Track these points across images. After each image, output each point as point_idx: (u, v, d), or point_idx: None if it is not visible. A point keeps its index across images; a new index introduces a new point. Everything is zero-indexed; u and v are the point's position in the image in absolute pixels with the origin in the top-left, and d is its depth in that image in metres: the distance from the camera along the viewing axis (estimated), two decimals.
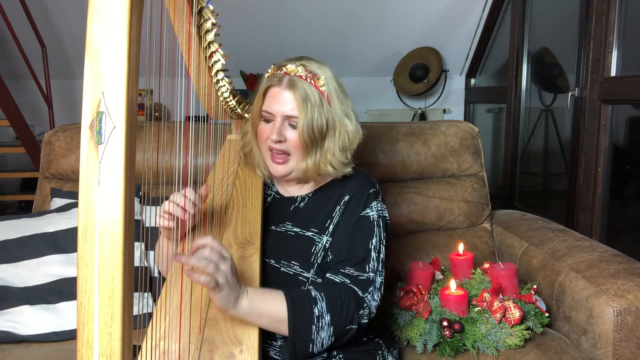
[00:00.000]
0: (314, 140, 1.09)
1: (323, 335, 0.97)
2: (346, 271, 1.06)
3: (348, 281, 1.05)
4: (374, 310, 1.05)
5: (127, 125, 0.54)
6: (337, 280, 1.06)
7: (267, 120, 1.12)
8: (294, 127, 1.09)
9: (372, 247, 1.09)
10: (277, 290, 0.98)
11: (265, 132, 1.12)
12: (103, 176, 0.53)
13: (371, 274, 1.06)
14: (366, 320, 1.04)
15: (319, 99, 1.08)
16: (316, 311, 0.97)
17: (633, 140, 2.30)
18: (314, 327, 0.96)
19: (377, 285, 1.06)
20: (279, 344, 1.07)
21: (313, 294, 1.00)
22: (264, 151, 1.14)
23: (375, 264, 1.08)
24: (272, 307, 0.95)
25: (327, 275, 1.08)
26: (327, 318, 0.98)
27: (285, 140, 1.10)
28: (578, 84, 2.40)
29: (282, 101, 1.08)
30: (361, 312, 1.02)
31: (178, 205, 0.99)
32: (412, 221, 1.72)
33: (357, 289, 1.04)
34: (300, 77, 1.08)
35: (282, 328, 0.96)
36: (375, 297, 1.06)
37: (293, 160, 1.12)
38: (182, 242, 1.07)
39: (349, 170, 1.16)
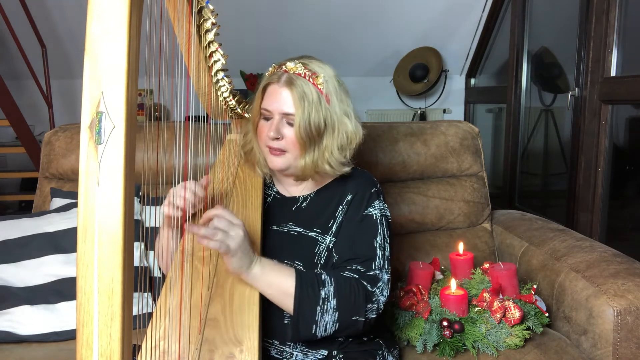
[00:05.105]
0: (312, 137, 1.09)
1: (327, 319, 0.99)
2: (353, 268, 1.07)
3: (356, 277, 1.06)
4: (382, 307, 1.06)
5: (126, 125, 0.54)
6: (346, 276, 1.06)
7: (266, 118, 1.12)
8: (291, 124, 1.10)
9: (377, 245, 1.10)
10: (288, 266, 1.03)
11: (264, 129, 1.12)
12: (103, 176, 0.53)
13: (378, 272, 1.07)
14: (374, 316, 1.04)
15: (317, 97, 1.08)
16: (322, 293, 0.99)
17: (633, 140, 2.30)
18: (318, 308, 0.98)
19: (385, 282, 1.07)
20: (286, 322, 1.08)
21: (323, 277, 1.02)
22: (263, 148, 1.15)
23: (382, 262, 1.09)
24: (281, 279, 0.99)
25: None
26: (333, 303, 0.99)
27: (282, 138, 1.10)
28: (578, 84, 2.40)
29: (279, 99, 1.09)
30: (369, 305, 1.03)
31: (180, 196, 1.03)
32: (412, 221, 1.72)
33: (366, 284, 1.05)
34: (299, 74, 1.09)
35: (288, 302, 0.99)
36: (384, 293, 1.07)
37: (290, 156, 1.12)
38: (182, 234, 1.09)
39: (346, 169, 1.15)
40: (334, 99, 1.11)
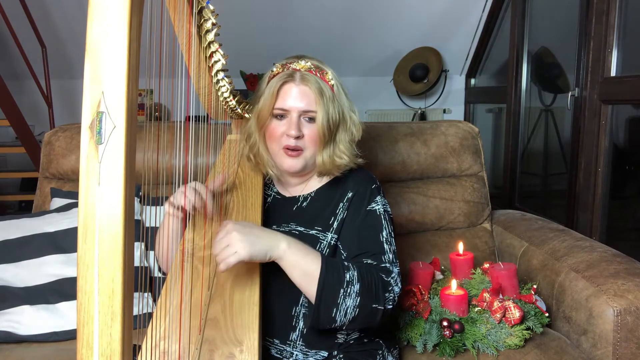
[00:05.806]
0: (331, 132, 1.11)
1: (349, 303, 0.98)
2: (364, 262, 1.07)
3: None
4: (397, 298, 1.06)
5: (127, 125, 0.54)
6: None
7: (280, 119, 1.12)
8: (309, 122, 1.11)
9: (384, 239, 1.11)
10: (313, 249, 1.03)
11: (280, 129, 1.12)
12: (103, 176, 0.53)
13: (388, 264, 1.07)
14: (390, 307, 1.04)
15: (331, 93, 1.11)
16: (347, 276, 0.99)
17: (633, 140, 2.30)
18: (342, 290, 0.98)
19: (397, 274, 1.07)
20: (303, 311, 1.08)
21: (346, 263, 1.03)
22: (276, 149, 1.14)
23: (390, 256, 1.09)
24: (307, 260, 0.99)
25: None
26: (356, 287, 0.99)
27: (302, 136, 1.11)
28: (578, 84, 2.40)
29: (297, 97, 1.09)
30: (387, 294, 1.03)
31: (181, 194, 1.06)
32: (412, 221, 1.72)
33: (381, 274, 1.05)
34: (311, 72, 1.10)
35: (311, 285, 0.98)
36: (398, 284, 1.06)
37: (307, 154, 1.13)
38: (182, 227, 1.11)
39: (360, 160, 1.18)
40: (342, 94, 1.14)
